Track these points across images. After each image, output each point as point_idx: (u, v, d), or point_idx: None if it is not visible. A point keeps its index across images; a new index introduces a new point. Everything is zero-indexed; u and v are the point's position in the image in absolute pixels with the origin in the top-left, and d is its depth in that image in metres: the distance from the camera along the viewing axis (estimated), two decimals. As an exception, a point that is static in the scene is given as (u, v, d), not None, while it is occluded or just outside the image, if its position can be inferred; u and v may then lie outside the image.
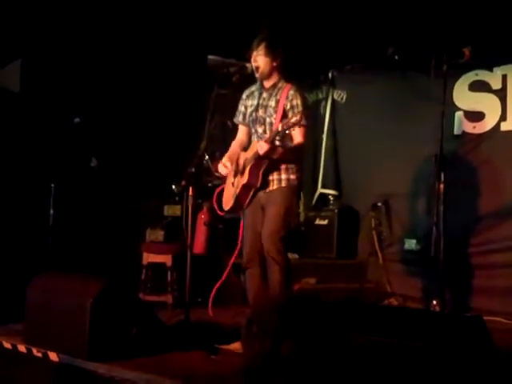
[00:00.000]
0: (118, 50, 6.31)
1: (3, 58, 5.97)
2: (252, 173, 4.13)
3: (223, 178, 4.52)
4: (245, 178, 4.16)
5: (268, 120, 4.23)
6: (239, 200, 4.23)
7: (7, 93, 5.96)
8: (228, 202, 4.33)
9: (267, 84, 4.27)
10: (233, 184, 4.31)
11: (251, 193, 4.20)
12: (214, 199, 4.49)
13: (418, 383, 2.46)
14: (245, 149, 4.41)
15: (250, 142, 4.42)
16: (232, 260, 4.49)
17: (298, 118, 3.77)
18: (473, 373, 2.42)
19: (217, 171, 4.61)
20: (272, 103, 4.22)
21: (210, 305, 4.45)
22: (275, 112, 4.18)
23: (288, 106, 4.13)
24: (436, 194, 4.03)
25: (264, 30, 4.29)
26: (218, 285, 4.49)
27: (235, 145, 4.51)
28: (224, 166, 4.38)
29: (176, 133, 6.55)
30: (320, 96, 6.96)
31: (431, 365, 2.43)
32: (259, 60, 4.17)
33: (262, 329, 1.88)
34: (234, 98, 4.68)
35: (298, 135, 4.14)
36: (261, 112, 4.27)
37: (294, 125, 3.82)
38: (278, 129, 3.89)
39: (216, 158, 5.48)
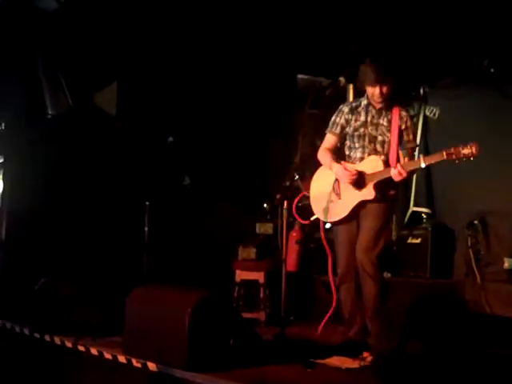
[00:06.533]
0: (210, 72, 6.44)
1: (101, 81, 6.20)
2: (377, 189, 4.17)
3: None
4: (370, 194, 4.17)
5: (380, 138, 4.26)
6: (353, 213, 4.24)
7: (104, 115, 6.17)
8: (335, 215, 4.30)
9: (378, 105, 4.29)
10: (339, 196, 4.30)
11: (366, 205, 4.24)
12: (294, 209, 4.49)
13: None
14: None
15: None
16: (331, 277, 4.43)
17: (462, 149, 3.92)
18: None
19: (307, 191, 4.59)
20: (384, 122, 4.27)
21: (322, 323, 4.46)
22: (388, 131, 4.23)
23: (403, 127, 4.23)
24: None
25: (380, 60, 4.24)
26: (333, 306, 4.43)
27: (330, 153, 4.44)
28: (347, 169, 4.25)
29: (267, 152, 6.59)
30: (411, 113, 6.81)
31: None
32: (387, 88, 4.16)
33: (391, 326, 1.85)
34: (324, 119, 4.67)
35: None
36: (370, 129, 4.29)
37: (465, 156, 3.90)
38: (443, 157, 3.99)
39: (306, 177, 5.47)
